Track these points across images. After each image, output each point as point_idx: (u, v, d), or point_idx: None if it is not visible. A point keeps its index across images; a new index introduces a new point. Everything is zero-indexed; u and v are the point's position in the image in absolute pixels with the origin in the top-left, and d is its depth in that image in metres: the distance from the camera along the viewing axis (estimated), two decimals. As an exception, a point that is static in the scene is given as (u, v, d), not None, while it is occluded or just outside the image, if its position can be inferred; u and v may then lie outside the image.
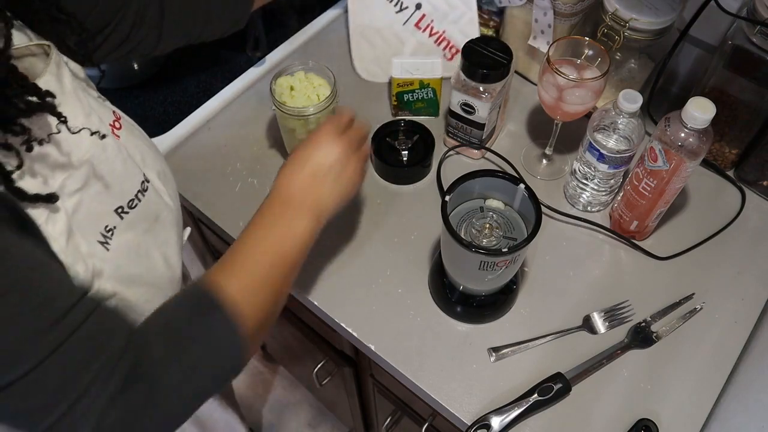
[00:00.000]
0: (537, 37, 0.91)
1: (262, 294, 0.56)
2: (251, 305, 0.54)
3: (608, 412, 0.69)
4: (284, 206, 0.61)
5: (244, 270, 0.56)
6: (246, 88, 0.99)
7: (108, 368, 0.44)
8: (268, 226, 0.60)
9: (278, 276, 0.58)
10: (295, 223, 0.60)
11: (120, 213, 0.57)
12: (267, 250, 0.58)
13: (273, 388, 1.70)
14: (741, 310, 0.77)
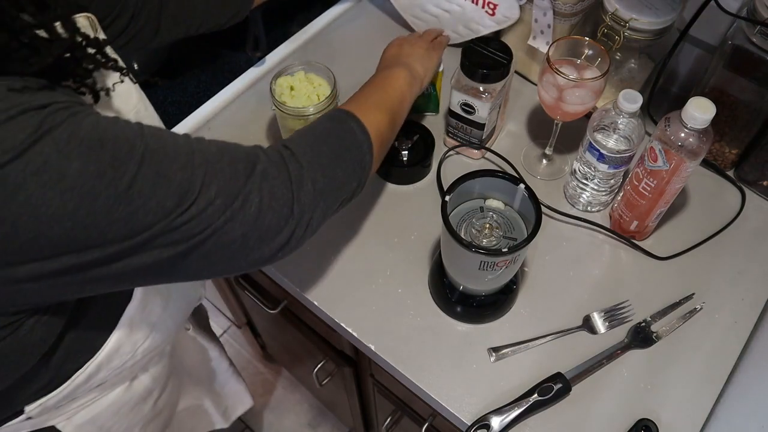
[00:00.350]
0: (537, 37, 0.91)
1: (377, 114, 0.66)
2: (369, 119, 0.64)
3: (608, 412, 0.69)
4: (379, 71, 0.76)
5: (361, 100, 0.68)
6: (246, 88, 0.99)
7: (251, 164, 0.51)
8: (370, 83, 0.73)
9: (386, 103, 0.69)
10: (391, 72, 0.74)
11: None
12: (376, 87, 0.71)
13: (273, 388, 1.70)
14: (741, 310, 0.77)
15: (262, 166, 0.51)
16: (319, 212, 0.56)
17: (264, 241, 0.52)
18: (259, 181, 0.50)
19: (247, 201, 0.49)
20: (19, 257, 0.41)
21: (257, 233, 0.51)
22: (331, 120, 0.61)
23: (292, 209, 0.52)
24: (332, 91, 0.79)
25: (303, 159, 0.55)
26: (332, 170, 0.57)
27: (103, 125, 0.43)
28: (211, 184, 0.47)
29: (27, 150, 0.38)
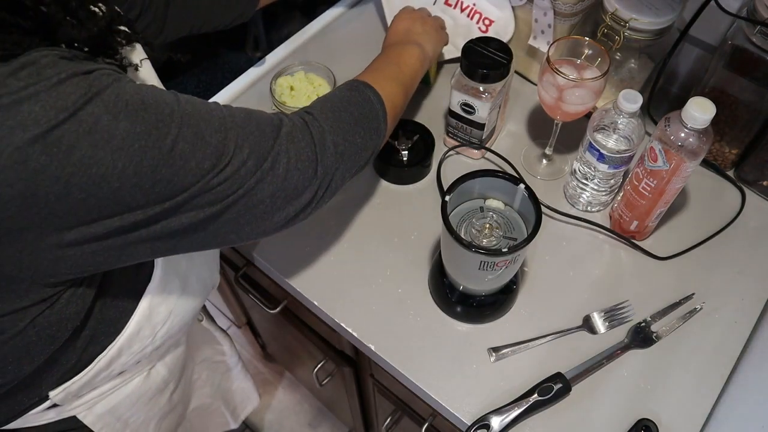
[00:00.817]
0: (537, 37, 0.91)
1: (392, 86, 0.69)
2: (385, 90, 0.67)
3: (608, 412, 0.69)
4: (392, 46, 0.78)
5: (376, 71, 0.70)
6: (246, 88, 0.99)
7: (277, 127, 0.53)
8: (383, 54, 0.76)
9: (399, 77, 0.71)
10: (405, 48, 0.76)
11: None
12: (390, 61, 0.73)
13: (273, 388, 1.70)
14: (741, 310, 0.77)
15: (287, 129, 0.54)
16: (339, 174, 0.59)
17: (290, 201, 0.54)
18: (286, 143, 0.53)
19: (277, 162, 0.52)
20: (69, 220, 0.43)
21: (284, 193, 0.53)
22: (350, 89, 0.64)
23: (316, 170, 0.56)
24: (332, 91, 0.79)
25: (325, 123, 0.58)
26: (352, 135, 0.60)
27: (144, 90, 0.45)
28: (243, 146, 0.50)
29: (79, 110, 0.41)
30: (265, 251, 0.81)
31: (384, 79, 0.69)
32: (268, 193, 0.52)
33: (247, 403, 1.18)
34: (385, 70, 0.72)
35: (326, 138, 0.57)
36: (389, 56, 0.75)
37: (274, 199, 0.53)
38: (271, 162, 0.52)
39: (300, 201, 0.55)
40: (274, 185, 0.52)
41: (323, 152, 0.56)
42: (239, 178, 0.50)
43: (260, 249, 0.81)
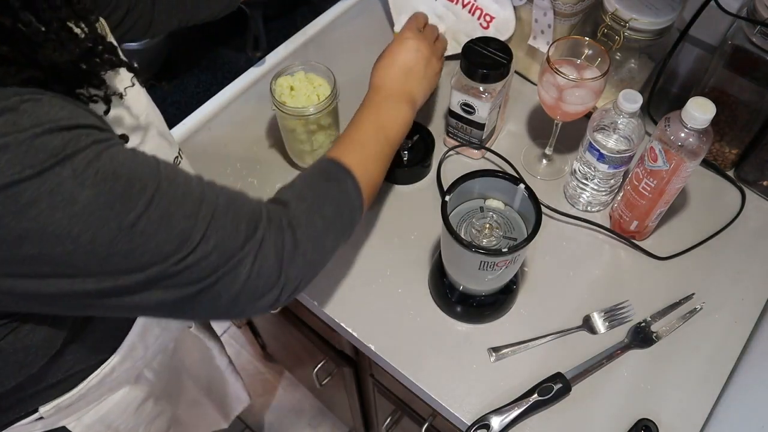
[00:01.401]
0: (537, 37, 0.91)
1: (373, 166, 0.66)
2: (366, 174, 0.64)
3: (608, 412, 0.69)
4: (385, 97, 0.72)
5: (360, 147, 0.66)
6: (246, 88, 0.99)
7: (253, 226, 0.51)
8: (374, 113, 0.70)
9: (385, 152, 0.69)
10: (399, 108, 0.72)
11: (176, 161, 0.64)
12: (376, 131, 0.69)
13: (273, 388, 1.70)
14: (741, 310, 0.77)
15: (262, 232, 0.52)
16: (306, 280, 0.57)
17: (249, 302, 0.52)
18: (257, 248, 0.51)
19: (241, 264, 0.50)
20: (17, 270, 0.42)
21: (244, 295, 0.51)
22: (330, 178, 0.61)
23: (279, 278, 0.53)
24: (332, 91, 0.79)
25: (299, 229, 0.55)
26: (324, 240, 0.58)
27: (120, 159, 0.44)
28: (210, 239, 0.48)
29: (46, 170, 0.39)
30: (265, 251, 0.81)
31: (369, 159, 0.66)
32: (226, 291, 0.50)
33: (237, 403, 1.18)
34: (372, 145, 0.67)
35: (298, 248, 0.55)
36: (379, 121, 0.70)
37: (232, 297, 0.51)
38: (236, 263, 0.49)
39: (260, 303, 0.53)
40: (234, 286, 0.50)
41: (291, 263, 0.54)
42: (199, 269, 0.47)
43: (260, 249, 0.81)
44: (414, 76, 0.74)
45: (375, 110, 0.71)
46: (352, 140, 0.67)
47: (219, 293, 0.50)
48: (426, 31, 0.79)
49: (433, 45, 0.78)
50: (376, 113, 0.70)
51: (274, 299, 0.54)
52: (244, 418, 1.65)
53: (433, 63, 0.77)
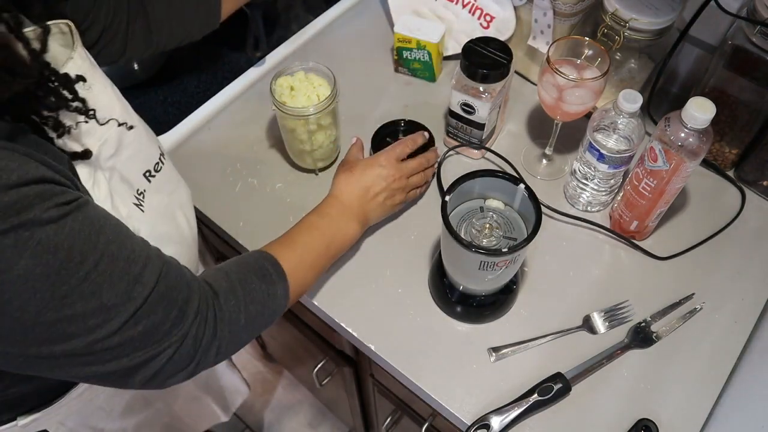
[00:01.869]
0: (537, 37, 0.91)
1: (308, 275, 0.68)
2: (298, 281, 0.65)
3: (608, 412, 0.69)
4: (341, 211, 0.73)
5: (302, 252, 0.67)
6: (246, 88, 0.99)
7: (182, 315, 0.51)
8: (326, 223, 0.72)
9: (323, 264, 0.70)
10: (349, 225, 0.73)
11: (148, 177, 0.62)
12: (322, 241, 0.70)
13: (273, 388, 1.70)
14: (741, 310, 0.77)
15: (189, 323, 0.52)
16: (219, 361, 0.57)
17: (163, 379, 0.53)
18: (181, 339, 0.52)
19: (164, 352, 0.51)
20: None
21: (161, 374, 0.52)
22: (264, 279, 0.61)
23: (191, 363, 0.54)
24: (332, 91, 0.79)
25: (221, 327, 0.56)
26: (241, 336, 0.58)
27: (65, 232, 0.43)
28: (140, 323, 0.48)
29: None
30: (265, 251, 0.81)
31: (306, 266, 0.67)
32: (144, 371, 0.51)
33: (237, 396, 1.18)
34: (314, 254, 0.68)
35: (214, 341, 0.55)
36: (328, 232, 0.71)
37: (148, 376, 0.51)
38: (160, 349, 0.50)
39: (171, 381, 0.54)
40: (153, 368, 0.51)
41: (206, 353, 0.54)
42: (121, 349, 0.48)
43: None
44: (374, 201, 0.76)
45: (328, 221, 0.72)
46: (296, 243, 0.68)
47: (136, 371, 0.50)
48: (404, 166, 0.79)
49: (406, 181, 0.79)
50: (328, 224, 0.72)
51: (183, 378, 0.55)
52: (243, 417, 1.65)
53: (396, 197, 0.78)
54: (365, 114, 0.95)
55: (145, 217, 0.60)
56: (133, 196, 0.59)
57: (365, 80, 1.00)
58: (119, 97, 0.59)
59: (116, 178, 0.57)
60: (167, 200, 0.65)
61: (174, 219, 0.66)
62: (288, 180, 0.89)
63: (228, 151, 0.92)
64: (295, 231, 0.70)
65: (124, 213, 0.57)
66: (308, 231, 0.70)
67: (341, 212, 0.73)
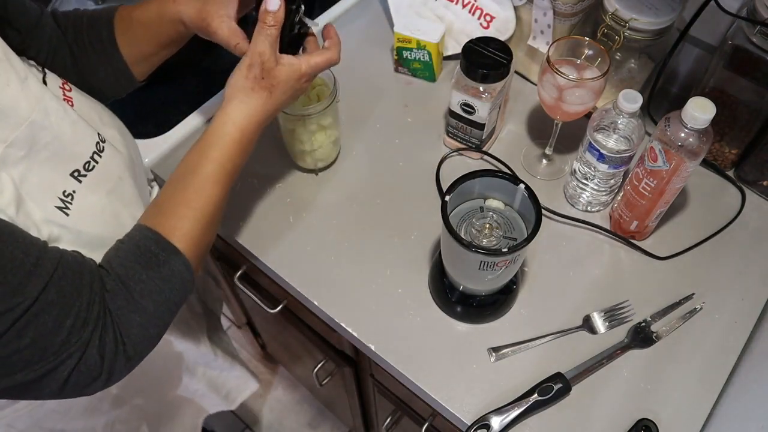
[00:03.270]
0: (537, 37, 0.91)
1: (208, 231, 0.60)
2: (199, 245, 0.59)
3: (608, 412, 0.69)
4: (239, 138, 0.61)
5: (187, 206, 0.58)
6: (246, 88, 0.99)
7: (81, 319, 0.49)
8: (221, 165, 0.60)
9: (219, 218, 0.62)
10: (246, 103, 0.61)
11: (77, 177, 0.57)
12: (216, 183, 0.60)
13: (273, 388, 1.70)
14: (741, 310, 0.77)
15: (87, 333, 0.49)
16: (131, 366, 0.55)
17: (77, 389, 0.51)
18: (83, 348, 0.49)
19: (63, 364, 0.48)
20: None
21: (70, 386, 0.50)
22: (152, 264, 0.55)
23: (102, 372, 0.52)
24: (332, 91, 0.79)
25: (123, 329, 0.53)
26: (150, 330, 0.55)
27: None
28: (26, 334, 0.46)
29: None
30: (265, 251, 0.81)
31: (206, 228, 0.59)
32: (49, 383, 0.49)
33: (244, 389, 1.17)
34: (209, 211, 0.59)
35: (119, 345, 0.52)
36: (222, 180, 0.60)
37: (57, 388, 0.49)
38: (57, 362, 0.48)
39: (87, 390, 0.52)
40: (57, 381, 0.49)
41: (114, 359, 0.52)
42: (11, 363, 0.46)
43: (260, 249, 0.81)
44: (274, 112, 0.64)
45: (223, 161, 0.60)
46: (187, 201, 0.58)
47: (41, 384, 0.48)
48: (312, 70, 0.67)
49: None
50: (220, 165, 0.59)
51: (101, 386, 0.53)
52: (244, 417, 1.66)
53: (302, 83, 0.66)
54: (365, 114, 0.95)
55: (69, 221, 0.56)
56: (56, 198, 0.55)
57: (365, 80, 1.00)
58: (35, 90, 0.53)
59: (32, 181, 0.52)
60: (106, 200, 0.60)
61: (116, 219, 0.62)
62: (288, 180, 0.89)
63: (228, 151, 0.91)
64: (183, 182, 0.59)
65: (39, 217, 0.53)
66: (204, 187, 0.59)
67: (236, 141, 0.61)
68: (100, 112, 0.65)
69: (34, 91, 0.53)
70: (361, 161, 0.90)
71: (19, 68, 0.53)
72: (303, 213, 0.84)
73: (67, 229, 0.55)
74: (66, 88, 0.60)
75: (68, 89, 0.61)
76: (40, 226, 0.53)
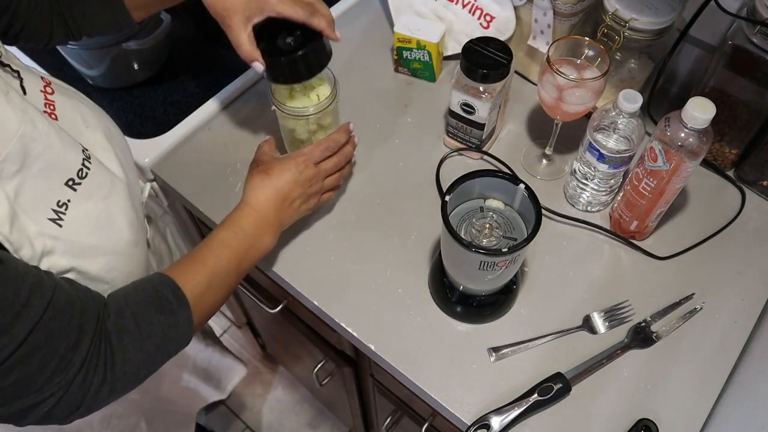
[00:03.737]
0: (537, 37, 0.91)
1: (217, 297, 0.64)
2: (205, 305, 0.62)
3: (608, 412, 0.69)
4: (257, 220, 0.69)
5: (209, 275, 0.62)
6: (246, 88, 0.99)
7: (65, 365, 0.49)
8: (240, 238, 0.67)
9: (233, 282, 0.66)
10: (264, 238, 0.70)
11: (71, 185, 0.56)
12: (233, 259, 0.65)
13: (273, 388, 1.70)
14: (741, 310, 0.77)
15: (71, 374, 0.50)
16: (111, 401, 0.55)
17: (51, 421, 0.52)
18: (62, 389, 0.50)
19: (43, 401, 0.49)
20: None
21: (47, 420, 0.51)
22: (163, 310, 0.57)
23: (81, 407, 0.52)
24: (332, 90, 0.79)
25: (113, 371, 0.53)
26: (137, 374, 0.56)
27: None
28: (10, 375, 0.46)
29: None
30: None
31: (212, 289, 0.62)
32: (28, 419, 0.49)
33: (233, 375, 1.18)
34: (222, 274, 0.64)
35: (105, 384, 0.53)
36: (239, 250, 0.66)
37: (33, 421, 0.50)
38: (37, 400, 0.48)
39: (64, 421, 0.53)
40: (35, 416, 0.49)
41: (96, 398, 0.52)
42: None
43: (260, 249, 0.81)
44: (291, 208, 0.72)
45: (241, 237, 0.67)
46: (204, 265, 0.63)
47: (22, 417, 0.49)
48: (321, 168, 0.75)
49: (321, 183, 0.75)
50: (241, 240, 0.67)
51: (79, 417, 0.53)
52: (244, 417, 1.66)
53: (311, 201, 0.75)
54: (365, 114, 0.95)
55: (63, 233, 0.55)
56: (49, 210, 0.54)
57: (365, 80, 1.00)
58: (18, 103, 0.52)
59: (26, 195, 0.52)
60: (102, 206, 0.60)
61: (111, 226, 0.61)
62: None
63: (228, 151, 0.92)
64: (204, 250, 0.65)
65: (33, 231, 0.52)
66: (219, 249, 0.65)
67: (256, 224, 0.69)
68: (83, 112, 0.63)
69: (18, 103, 0.52)
70: (361, 161, 0.90)
71: (0, 83, 0.52)
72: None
73: (60, 241, 0.55)
74: (48, 91, 0.59)
75: (50, 92, 0.60)
76: (33, 240, 0.52)
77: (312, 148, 0.74)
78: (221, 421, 1.65)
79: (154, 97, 1.04)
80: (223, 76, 1.01)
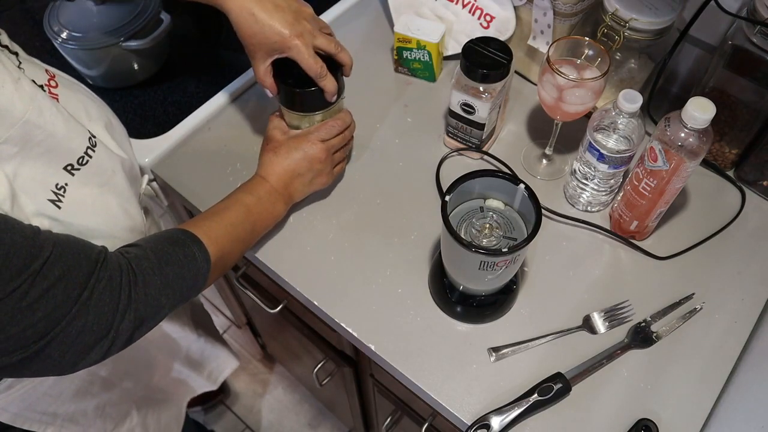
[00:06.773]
0: (537, 37, 0.91)
1: (234, 247, 0.69)
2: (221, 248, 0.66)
3: (608, 412, 0.69)
4: (270, 191, 0.75)
5: (226, 225, 0.68)
6: (246, 87, 0.99)
7: (85, 286, 0.51)
8: (254, 201, 0.73)
9: (248, 239, 0.72)
10: (276, 206, 0.76)
11: (70, 170, 0.59)
12: (248, 218, 0.71)
13: (273, 388, 1.70)
14: (741, 310, 0.77)
15: (97, 292, 0.52)
16: (139, 332, 0.57)
17: (78, 356, 0.53)
18: (87, 309, 0.51)
19: (69, 326, 0.50)
20: None
21: (72, 352, 0.52)
22: (175, 243, 0.61)
23: (108, 334, 0.53)
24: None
25: (135, 289, 0.55)
26: (159, 299, 0.58)
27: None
28: (38, 309, 0.48)
29: None
30: (265, 251, 0.81)
31: (226, 236, 0.67)
32: (53, 353, 0.50)
33: (225, 367, 1.19)
34: (239, 227, 0.70)
35: (130, 308, 0.55)
36: (253, 210, 0.72)
37: (59, 357, 0.51)
38: (64, 327, 0.50)
39: (88, 357, 0.54)
40: (62, 347, 0.50)
41: (122, 321, 0.54)
42: (24, 338, 0.48)
43: (260, 249, 0.81)
44: (300, 182, 0.78)
45: (256, 200, 0.73)
46: (221, 217, 0.69)
47: (48, 355, 0.50)
48: (328, 145, 0.79)
49: (331, 159, 0.80)
50: (255, 203, 0.73)
51: (103, 352, 0.54)
52: (243, 417, 1.66)
53: (322, 177, 0.80)
54: (365, 114, 0.95)
55: (61, 213, 0.58)
56: (49, 191, 0.57)
57: (365, 80, 1.00)
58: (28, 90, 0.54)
59: (24, 176, 0.54)
60: (97, 191, 0.63)
61: (107, 211, 0.64)
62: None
63: (228, 151, 0.92)
64: (221, 205, 0.71)
65: (31, 210, 0.55)
66: (235, 207, 0.71)
67: (269, 193, 0.75)
68: (87, 105, 0.65)
69: (28, 91, 0.54)
70: (361, 161, 0.90)
71: (11, 69, 0.54)
72: (303, 213, 0.85)
73: (58, 222, 0.57)
74: (52, 85, 0.61)
75: (54, 85, 0.62)
76: (32, 219, 0.54)
77: (319, 127, 0.78)
78: (221, 421, 1.65)
79: (154, 97, 1.04)
80: (223, 76, 1.01)
